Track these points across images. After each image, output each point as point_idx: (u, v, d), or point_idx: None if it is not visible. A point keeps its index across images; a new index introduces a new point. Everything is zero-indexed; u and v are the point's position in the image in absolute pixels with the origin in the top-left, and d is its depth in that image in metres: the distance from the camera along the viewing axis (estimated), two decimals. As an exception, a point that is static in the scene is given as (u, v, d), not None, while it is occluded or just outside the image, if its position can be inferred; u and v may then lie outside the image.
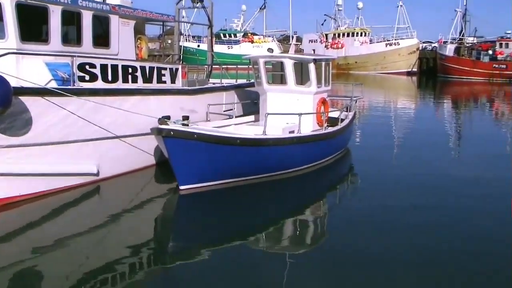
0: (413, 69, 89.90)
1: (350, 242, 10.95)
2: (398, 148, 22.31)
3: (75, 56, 14.12)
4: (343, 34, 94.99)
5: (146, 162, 16.54)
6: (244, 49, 78.94)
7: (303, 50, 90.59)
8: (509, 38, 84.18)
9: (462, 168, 18.54)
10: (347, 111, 21.03)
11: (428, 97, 55.67)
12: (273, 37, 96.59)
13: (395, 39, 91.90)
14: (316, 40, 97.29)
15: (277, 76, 18.81)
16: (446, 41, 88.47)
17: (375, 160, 19.26)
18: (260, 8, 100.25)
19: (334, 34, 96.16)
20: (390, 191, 15.04)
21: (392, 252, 10.44)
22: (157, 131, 13.38)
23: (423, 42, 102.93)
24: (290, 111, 16.98)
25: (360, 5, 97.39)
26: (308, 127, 17.39)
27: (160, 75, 17.22)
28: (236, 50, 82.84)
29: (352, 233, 11.51)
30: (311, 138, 16.57)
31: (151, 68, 16.87)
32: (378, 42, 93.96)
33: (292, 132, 16.46)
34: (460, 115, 38.03)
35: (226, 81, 22.61)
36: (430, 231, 11.74)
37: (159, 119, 14.03)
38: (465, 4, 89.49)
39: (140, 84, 16.27)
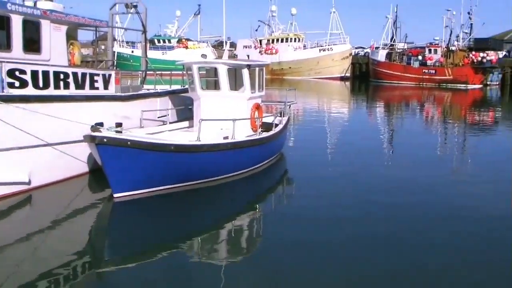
0: (346, 74, 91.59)
1: (286, 246, 11.14)
2: (332, 152, 22.75)
3: (4, 62, 13.86)
4: (277, 40, 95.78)
5: (80, 169, 16.33)
6: (178, 55, 78.55)
7: (236, 55, 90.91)
8: (438, 44, 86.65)
9: (393, 170, 19.16)
10: (281, 116, 21.29)
11: (361, 101, 56.79)
12: (207, 42, 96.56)
13: (328, 45, 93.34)
14: (250, 45, 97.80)
15: (211, 82, 18.91)
16: (378, 47, 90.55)
17: (309, 164, 19.61)
18: (194, 14, 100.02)
19: (268, 40, 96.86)
20: (325, 194, 15.32)
21: (327, 255, 10.72)
22: (90, 139, 13.23)
23: (356, 48, 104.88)
24: (224, 117, 17.08)
25: (294, 11, 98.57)
26: (243, 132, 17.52)
27: (93, 81, 17.04)
28: (170, 56, 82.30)
29: (288, 237, 11.69)
30: (246, 144, 16.70)
31: (84, 74, 16.67)
32: (311, 47, 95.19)
33: (227, 138, 16.57)
34: (392, 119, 38.97)
35: (160, 87, 22.53)
36: (365, 231, 12.14)
37: (92, 126, 13.88)
38: (396, 11, 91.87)
39: (72, 91, 16.06)
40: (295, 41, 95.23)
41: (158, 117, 20.08)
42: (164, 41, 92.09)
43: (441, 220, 13.16)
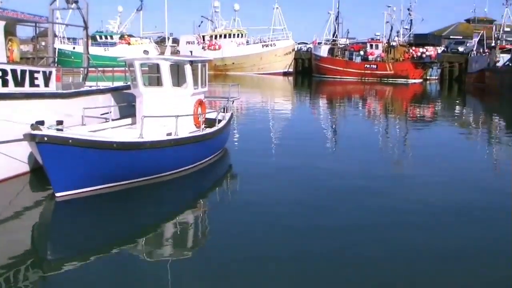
0: (289, 70, 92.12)
1: (231, 241, 11.27)
2: (276, 147, 22.93)
3: None
4: (220, 36, 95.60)
5: (20, 169, 16.00)
6: (120, 51, 77.55)
7: (178, 51, 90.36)
8: (379, 39, 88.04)
9: (336, 163, 19.51)
10: (224, 112, 21.36)
11: (304, 96, 57.36)
12: (150, 39, 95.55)
13: (271, 40, 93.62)
14: (193, 41, 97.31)
15: (154, 78, 18.83)
16: (321, 42, 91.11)
17: (253, 160, 19.76)
18: (136, 10, 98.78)
19: (211, 36, 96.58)
20: (269, 189, 15.52)
21: (271, 249, 10.89)
22: (30, 137, 12.98)
23: (298, 43, 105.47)
24: (167, 113, 17.01)
25: (237, 7, 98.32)
26: (186, 129, 17.53)
27: (32, 79, 16.73)
28: (112, 52, 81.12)
29: (233, 232, 11.83)
30: (189, 140, 16.72)
31: (23, 71, 16.34)
32: (254, 43, 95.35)
33: (170, 134, 16.55)
34: (335, 114, 39.53)
35: (102, 84, 22.30)
36: (309, 224, 12.38)
37: (32, 124, 13.64)
38: (337, 7, 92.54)
39: (11, 88, 15.74)
40: (238, 37, 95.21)
41: (101, 115, 19.89)
42: (106, 37, 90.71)
43: (384, 210, 13.55)
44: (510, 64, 59.33)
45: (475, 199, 15.19)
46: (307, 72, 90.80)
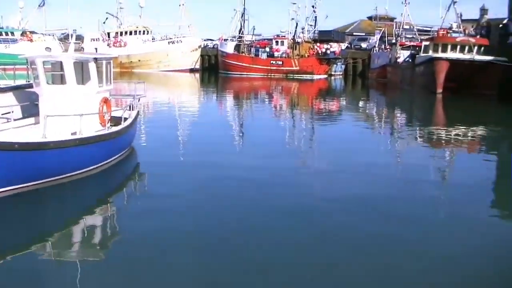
0: (196, 66, 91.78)
1: (139, 241, 11.23)
2: (183, 144, 22.90)
3: None
4: (126, 32, 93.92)
5: None
6: (22, 48, 74.91)
7: (83, 48, 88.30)
8: (284, 36, 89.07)
9: (245, 159, 19.71)
10: (130, 110, 21.10)
11: (210, 93, 57.44)
12: (53, 35, 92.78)
13: (177, 37, 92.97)
14: (98, 38, 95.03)
15: (57, 76, 18.33)
16: (227, 39, 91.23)
17: (160, 157, 19.69)
18: (39, 5, 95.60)
19: (117, 33, 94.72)
20: (177, 187, 15.51)
21: (181, 248, 10.95)
22: None
23: (205, 40, 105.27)
24: (71, 112, 16.61)
25: (142, 3, 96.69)
26: (91, 127, 17.17)
27: None
28: (14, 49, 78.14)
29: (140, 231, 11.79)
30: (94, 139, 16.40)
31: None
32: (161, 40, 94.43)
33: (75, 133, 16.19)
34: (242, 110, 39.80)
35: (3, 82, 21.51)
36: (219, 221, 12.56)
37: None
38: (244, 4, 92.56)
39: None
40: (144, 33, 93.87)
41: (2, 115, 19.18)
42: (6, 34, 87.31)
43: (287, 203, 13.85)
44: (410, 60, 61.65)
45: (377, 190, 15.77)
46: (213, 69, 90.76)
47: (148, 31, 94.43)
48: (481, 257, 10.95)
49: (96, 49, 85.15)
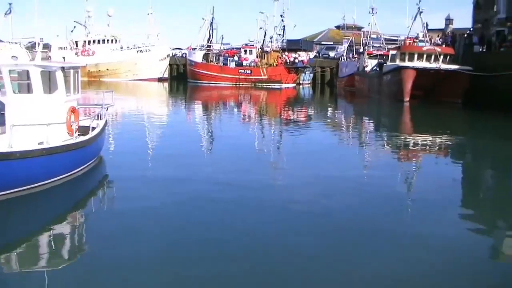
0: (164, 75, 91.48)
1: (106, 251, 11.13)
2: (152, 153, 22.75)
3: None
4: (94, 41, 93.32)
5: None
6: (-13, 56, 73.92)
7: (50, 57, 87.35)
8: (253, 45, 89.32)
9: (215, 168, 19.67)
10: (98, 119, 20.91)
11: (179, 102, 57.27)
12: (20, 44, 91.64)
13: (146, 46, 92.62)
14: (66, 47, 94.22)
15: (24, 85, 18.07)
16: (195, 48, 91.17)
17: (129, 167, 19.50)
18: (5, 14, 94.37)
19: (85, 41, 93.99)
20: (145, 197, 15.39)
21: (146, 256, 10.91)
22: None
23: (173, 49, 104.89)
24: (38, 121, 16.41)
25: (111, 12, 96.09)
26: (59, 137, 16.97)
27: None
28: (-23, 58, 77.17)
29: (109, 240, 11.68)
30: (62, 149, 16.20)
31: None
32: (129, 49, 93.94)
33: (42, 143, 15.98)
34: (211, 119, 39.72)
35: (-34, 92, 21.16)
36: (192, 232, 12.54)
37: None
38: (212, 13, 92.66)
39: None
40: (112, 42, 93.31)
41: (-34, 124, 18.86)
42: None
43: (255, 214, 13.86)
44: (378, 69, 62.23)
45: (345, 199, 15.88)
46: (182, 78, 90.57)
47: (116, 40, 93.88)
48: (449, 265, 11.07)
49: (64, 57, 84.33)
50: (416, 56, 54.26)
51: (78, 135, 17.86)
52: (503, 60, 45.27)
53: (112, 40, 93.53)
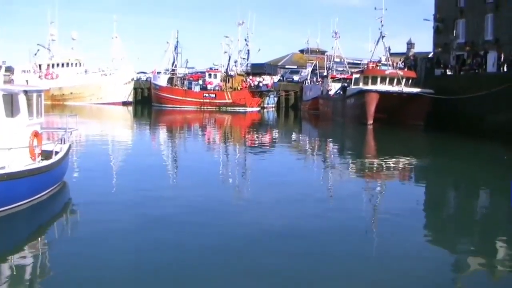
0: (129, 99, 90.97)
1: (67, 280, 10.89)
2: (116, 179, 22.45)
3: None
4: (58, 64, 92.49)
5: None
6: None
7: (13, 80, 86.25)
8: (217, 69, 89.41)
9: (175, 192, 19.62)
10: (61, 144, 20.63)
11: (144, 125, 57.01)
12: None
13: (110, 70, 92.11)
14: (29, 70, 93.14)
15: (-15, 109, 17.80)
16: (160, 72, 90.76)
17: (93, 192, 19.24)
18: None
19: (48, 65, 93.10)
20: (110, 223, 15.17)
21: (110, 278, 10.78)
22: None
23: (138, 73, 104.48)
24: (0, 146, 16.14)
25: (75, 35, 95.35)
26: (20, 161, 16.69)
27: None
28: None
29: (70, 271, 11.40)
30: (23, 174, 15.89)
31: None
32: (93, 72, 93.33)
33: (3, 168, 15.68)
34: (175, 142, 39.58)
35: None
36: (156, 251, 12.45)
37: None
38: (177, 37, 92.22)
39: None
40: (76, 65, 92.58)
41: None
42: None
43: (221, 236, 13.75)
44: (341, 92, 62.83)
45: (308, 223, 15.89)
46: (146, 102, 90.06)
47: (80, 63, 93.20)
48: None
49: (27, 81, 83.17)
50: (379, 79, 54.93)
51: (41, 159, 17.60)
52: (463, 83, 46.26)
53: (76, 63, 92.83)
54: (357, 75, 59.07)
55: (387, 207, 18.49)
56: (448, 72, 52.38)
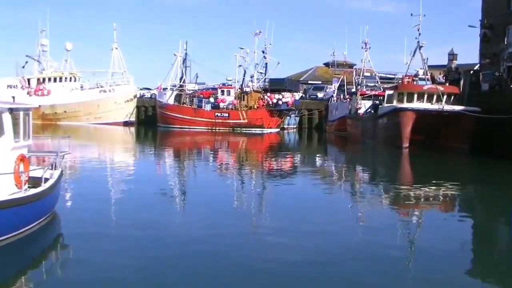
0: (131, 119, 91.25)
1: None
2: (115, 210, 22.35)
3: None
4: (49, 79, 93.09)
5: None
6: None
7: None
8: (231, 85, 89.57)
9: (181, 223, 19.56)
10: (52, 169, 20.59)
11: (148, 149, 57.07)
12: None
13: (110, 86, 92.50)
14: (16, 85, 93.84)
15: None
16: (166, 88, 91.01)
17: (87, 225, 19.04)
18: None
19: (39, 79, 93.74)
20: (107, 257, 15.13)
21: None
22: None
23: (141, 89, 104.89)
24: (-18, 172, 16.15)
25: (69, 46, 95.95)
26: (5, 189, 16.64)
27: None
28: None
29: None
30: (8, 204, 15.79)
31: None
32: (90, 88, 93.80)
33: (-16, 197, 15.66)
34: (184, 168, 39.44)
35: None
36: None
37: None
38: (185, 48, 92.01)
39: None
40: (70, 80, 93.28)
41: None
42: None
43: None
44: (372, 111, 62.51)
45: (337, 258, 15.65)
46: (151, 122, 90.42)
47: (75, 78, 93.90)
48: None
49: (13, 97, 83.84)
50: (415, 96, 54.63)
51: (28, 187, 17.54)
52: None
53: (70, 78, 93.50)
54: (391, 92, 58.83)
55: (427, 242, 18.17)
56: (497, 87, 51.59)
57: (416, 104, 53.03)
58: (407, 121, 50.78)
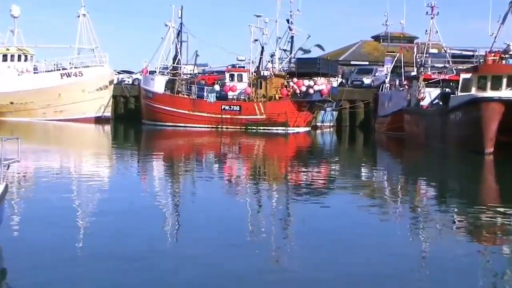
0: (106, 114, 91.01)
1: None
2: (80, 235, 22.33)
3: None
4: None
5: None
6: None
7: None
8: (244, 67, 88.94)
9: (177, 259, 19.49)
10: (-8, 183, 20.56)
11: (128, 156, 57.10)
12: None
13: (75, 67, 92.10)
14: None
15: None
16: (154, 71, 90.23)
17: (41, 258, 19.11)
18: None
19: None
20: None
21: None
22: None
23: (119, 72, 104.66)
24: None
25: (16, 11, 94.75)
26: None
27: None
28: None
29: None
30: None
31: None
32: (48, 71, 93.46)
33: None
34: (176, 182, 39.47)
35: None
36: None
37: None
38: (180, 16, 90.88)
39: None
40: (19, 59, 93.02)
41: None
42: None
43: None
44: (441, 103, 61.96)
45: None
46: (133, 118, 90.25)
47: (26, 56, 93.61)
48: None
49: None
50: (504, 81, 53.85)
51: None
52: None
53: (19, 56, 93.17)
54: (468, 75, 58.05)
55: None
56: None
57: (505, 93, 52.42)
58: (492, 117, 50.24)
